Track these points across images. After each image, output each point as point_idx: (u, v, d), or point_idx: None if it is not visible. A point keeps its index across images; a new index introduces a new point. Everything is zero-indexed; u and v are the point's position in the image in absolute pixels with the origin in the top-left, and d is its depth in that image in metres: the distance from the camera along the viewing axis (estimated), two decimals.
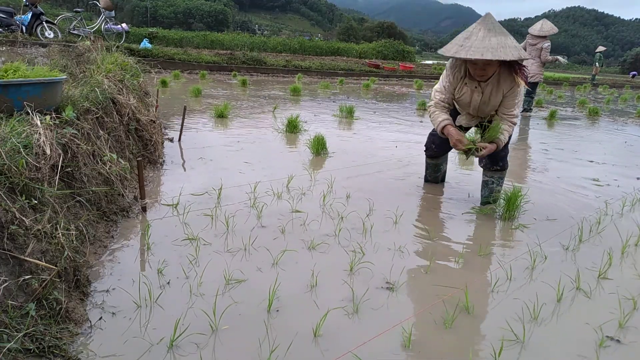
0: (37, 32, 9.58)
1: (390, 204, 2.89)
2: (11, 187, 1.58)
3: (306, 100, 8.40)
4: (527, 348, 1.57)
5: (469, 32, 2.61)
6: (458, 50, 2.54)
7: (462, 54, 2.51)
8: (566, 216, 2.95)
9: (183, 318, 1.57)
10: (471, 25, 2.69)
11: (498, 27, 2.57)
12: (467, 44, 2.54)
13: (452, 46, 2.61)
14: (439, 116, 2.87)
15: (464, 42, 2.56)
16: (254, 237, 2.26)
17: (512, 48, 2.50)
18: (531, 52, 7.38)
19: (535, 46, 7.38)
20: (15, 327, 1.28)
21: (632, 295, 1.95)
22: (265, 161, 3.76)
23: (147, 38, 15.18)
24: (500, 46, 2.48)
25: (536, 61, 7.40)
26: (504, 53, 2.46)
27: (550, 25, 7.43)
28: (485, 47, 2.49)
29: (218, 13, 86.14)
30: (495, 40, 2.51)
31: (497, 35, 2.53)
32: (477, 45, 2.51)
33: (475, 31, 2.58)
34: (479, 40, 2.53)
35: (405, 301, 1.82)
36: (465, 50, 2.52)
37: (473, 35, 2.56)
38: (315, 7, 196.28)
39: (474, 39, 2.54)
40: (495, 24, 2.58)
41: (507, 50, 2.48)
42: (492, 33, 2.54)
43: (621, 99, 14.04)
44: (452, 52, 2.56)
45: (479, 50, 2.49)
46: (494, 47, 2.48)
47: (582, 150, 5.31)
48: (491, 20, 2.61)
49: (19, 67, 2.14)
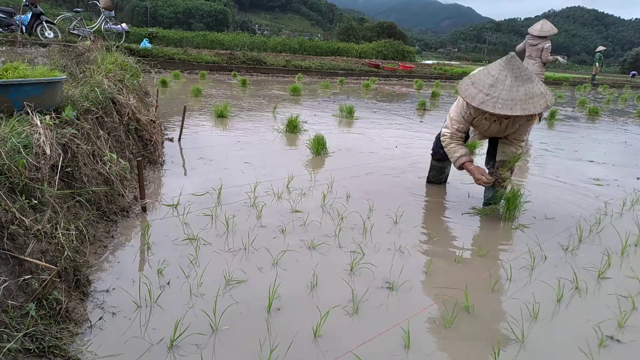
0: (37, 32, 9.58)
1: (391, 204, 2.89)
2: (11, 187, 1.58)
3: (306, 100, 8.40)
4: (527, 348, 1.57)
5: (493, 78, 2.48)
6: (485, 101, 2.45)
7: (489, 108, 2.43)
8: (566, 216, 2.95)
9: (183, 318, 1.57)
10: (494, 64, 2.56)
11: (524, 72, 2.46)
12: (493, 94, 2.44)
13: (477, 93, 2.49)
14: (456, 151, 2.83)
15: (489, 91, 2.45)
16: (254, 237, 2.26)
17: (539, 96, 2.43)
18: (531, 53, 7.38)
19: (536, 46, 7.35)
20: (15, 327, 1.28)
21: (631, 294, 1.95)
22: (265, 161, 3.76)
23: (147, 38, 15.20)
24: (529, 97, 2.41)
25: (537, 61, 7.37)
26: (533, 106, 2.39)
27: (550, 25, 7.42)
28: (513, 99, 2.40)
29: (218, 13, 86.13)
30: (523, 90, 2.41)
31: (524, 84, 2.43)
32: (504, 97, 2.42)
33: (502, 78, 2.46)
34: (506, 90, 2.42)
35: (405, 301, 1.82)
36: (492, 102, 2.43)
37: (499, 84, 2.45)
38: (315, 7, 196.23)
39: (500, 89, 2.43)
40: (521, 69, 2.47)
41: (535, 101, 2.40)
42: (519, 81, 2.43)
43: (621, 98, 14.05)
44: (478, 103, 2.47)
45: (507, 104, 2.40)
46: (522, 99, 2.40)
47: (582, 150, 5.31)
48: (517, 64, 2.48)
49: (19, 67, 2.14)
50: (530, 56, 7.35)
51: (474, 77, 2.62)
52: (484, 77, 2.54)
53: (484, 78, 2.53)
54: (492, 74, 2.51)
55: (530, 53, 7.37)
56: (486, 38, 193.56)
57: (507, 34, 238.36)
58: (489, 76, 2.51)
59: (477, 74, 2.63)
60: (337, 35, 54.08)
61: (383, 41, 27.64)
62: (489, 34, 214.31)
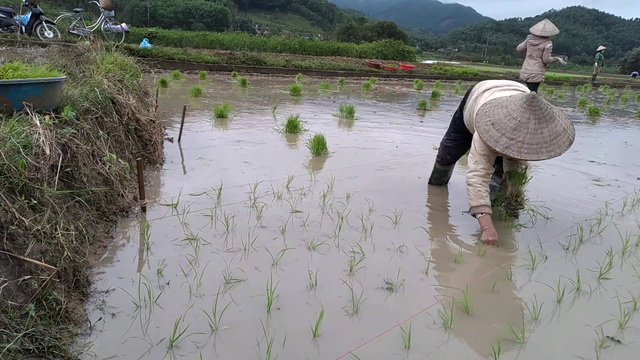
0: (36, 32, 9.58)
1: (390, 204, 2.89)
2: (11, 187, 1.58)
3: (306, 100, 8.39)
4: (527, 348, 1.57)
5: (516, 121, 2.36)
6: (510, 146, 2.35)
7: (514, 153, 2.34)
8: (566, 216, 2.94)
9: (183, 318, 1.56)
10: (513, 102, 2.42)
11: (546, 112, 2.36)
12: (518, 138, 2.34)
13: (500, 136, 2.39)
14: (481, 197, 2.56)
15: (513, 135, 2.35)
16: (253, 237, 2.25)
17: (562, 134, 2.35)
18: (532, 52, 7.41)
19: (537, 46, 7.38)
20: (15, 328, 1.28)
21: (632, 295, 1.95)
22: (265, 161, 3.76)
23: (146, 38, 15.18)
24: (553, 137, 2.33)
25: (537, 61, 7.43)
26: (558, 146, 2.32)
27: (552, 26, 7.41)
28: (538, 143, 2.32)
29: (218, 13, 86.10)
30: (547, 131, 2.33)
31: (548, 125, 2.34)
32: (529, 141, 2.33)
33: (524, 121, 2.35)
34: (530, 134, 2.33)
35: (405, 301, 1.81)
36: (517, 147, 2.34)
37: (522, 127, 2.34)
38: (315, 6, 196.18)
39: (524, 132, 2.34)
40: (543, 109, 2.36)
41: (559, 140, 2.33)
42: (542, 123, 2.34)
43: (622, 98, 14.04)
44: (503, 148, 2.37)
45: (533, 148, 2.32)
46: (547, 142, 2.32)
47: (582, 151, 5.31)
48: (538, 104, 2.36)
49: (19, 67, 2.14)
50: (531, 56, 7.39)
51: (493, 114, 2.47)
52: (504, 119, 2.40)
53: (505, 120, 2.40)
54: (514, 115, 2.38)
55: (531, 53, 7.39)
56: (486, 38, 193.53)
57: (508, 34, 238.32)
58: (510, 118, 2.39)
59: (495, 111, 2.48)
60: (337, 35, 54.08)
61: (383, 41, 27.63)
62: (489, 34, 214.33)
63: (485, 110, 2.54)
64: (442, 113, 7.92)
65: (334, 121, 6.08)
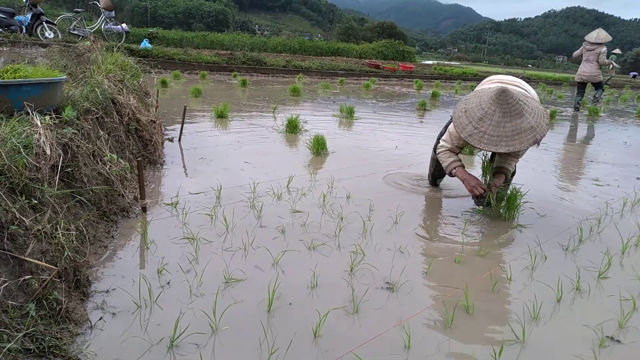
0: (37, 32, 9.59)
1: (390, 204, 2.89)
2: (11, 187, 1.58)
3: (306, 101, 8.40)
4: (527, 348, 1.57)
5: (483, 111, 2.47)
6: (472, 134, 2.47)
7: (475, 142, 2.46)
8: (566, 216, 2.95)
9: (183, 318, 1.57)
10: (487, 94, 2.50)
11: (514, 107, 2.42)
12: (480, 128, 2.45)
13: (467, 124, 2.50)
14: (449, 157, 2.83)
15: (478, 125, 2.46)
16: (253, 237, 2.26)
17: (528, 131, 2.39)
18: (589, 57, 8.89)
19: (593, 51, 8.81)
20: (16, 327, 1.28)
21: (632, 295, 1.95)
22: (265, 161, 3.76)
23: (147, 38, 15.20)
24: (516, 133, 2.38)
25: (594, 64, 8.87)
26: (519, 142, 2.38)
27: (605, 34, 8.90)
28: (499, 136, 2.40)
29: (218, 13, 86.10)
30: (511, 126, 2.40)
31: (512, 119, 2.40)
32: (490, 132, 2.42)
33: (490, 112, 2.44)
34: (493, 126, 2.42)
35: (405, 301, 1.82)
36: (479, 136, 2.45)
37: (487, 118, 2.44)
38: (315, 7, 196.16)
39: (487, 124, 2.43)
40: (510, 103, 2.42)
41: (522, 136, 2.38)
42: (507, 117, 2.41)
43: (621, 99, 14.05)
44: (466, 135, 2.49)
45: (493, 140, 2.41)
46: (509, 136, 2.38)
47: (581, 150, 5.31)
48: (507, 99, 2.42)
49: (19, 67, 2.14)
50: (588, 60, 8.88)
51: (468, 102, 2.58)
52: (475, 108, 2.51)
53: (475, 109, 2.51)
54: (483, 106, 2.48)
55: (587, 57, 8.88)
56: (486, 38, 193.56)
57: (507, 34, 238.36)
58: (479, 108, 2.49)
59: (471, 100, 2.59)
60: (337, 36, 54.08)
61: (383, 41, 27.62)
62: (489, 34, 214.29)
63: (466, 97, 2.66)
64: (442, 113, 7.92)
65: (333, 121, 6.08)
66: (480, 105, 2.50)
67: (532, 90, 2.84)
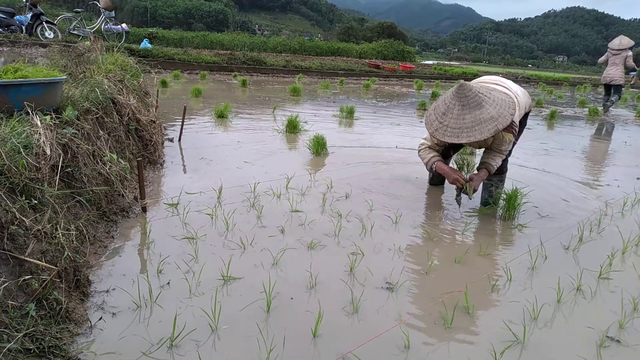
0: (37, 32, 9.59)
1: (390, 203, 2.89)
2: (11, 187, 1.58)
3: (306, 101, 8.40)
4: (527, 348, 1.57)
5: (446, 105, 2.58)
6: (438, 129, 2.58)
7: (440, 136, 2.57)
8: (566, 216, 2.95)
9: (183, 317, 1.57)
10: (449, 91, 2.63)
11: (472, 99, 2.50)
12: (444, 122, 2.56)
13: (434, 120, 2.61)
14: (428, 153, 2.90)
15: (442, 119, 2.57)
16: (253, 237, 2.26)
17: (488, 121, 2.46)
18: (615, 60, 9.32)
19: (619, 55, 9.25)
20: (16, 327, 1.28)
21: (632, 295, 1.95)
22: (265, 161, 3.76)
23: (147, 38, 15.21)
24: (475, 124, 2.47)
25: (620, 67, 9.30)
26: (479, 132, 2.46)
27: (628, 39, 9.36)
28: (460, 127, 2.50)
29: (218, 13, 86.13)
30: (470, 117, 2.48)
31: (471, 111, 2.49)
32: (452, 125, 2.52)
33: (451, 107, 2.55)
34: (454, 119, 2.52)
35: (405, 301, 1.82)
36: (443, 130, 2.56)
37: (449, 112, 2.55)
38: (315, 7, 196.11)
39: (449, 117, 2.54)
40: (468, 96, 2.50)
41: (482, 127, 2.46)
42: (465, 110, 2.50)
43: (621, 99, 14.03)
44: (433, 130, 2.61)
45: (455, 132, 2.51)
46: (469, 127, 2.48)
47: (582, 150, 5.31)
48: (465, 92, 2.52)
49: (19, 67, 2.14)
50: (614, 63, 9.30)
51: (438, 101, 2.69)
52: (440, 105, 2.63)
53: (440, 105, 2.62)
54: (446, 102, 2.60)
55: (614, 61, 9.32)
56: (486, 38, 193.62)
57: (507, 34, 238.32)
58: (443, 104, 2.61)
59: (440, 98, 2.69)
60: (337, 36, 54.08)
61: (383, 41, 27.64)
62: (489, 34, 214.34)
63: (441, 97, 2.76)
64: None
65: (333, 121, 6.08)
66: (444, 101, 2.62)
67: (515, 88, 2.88)
